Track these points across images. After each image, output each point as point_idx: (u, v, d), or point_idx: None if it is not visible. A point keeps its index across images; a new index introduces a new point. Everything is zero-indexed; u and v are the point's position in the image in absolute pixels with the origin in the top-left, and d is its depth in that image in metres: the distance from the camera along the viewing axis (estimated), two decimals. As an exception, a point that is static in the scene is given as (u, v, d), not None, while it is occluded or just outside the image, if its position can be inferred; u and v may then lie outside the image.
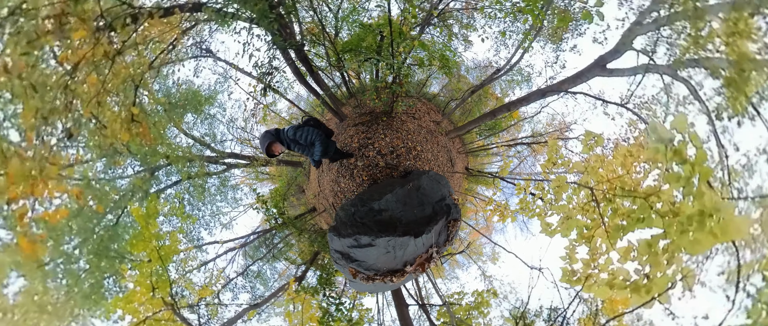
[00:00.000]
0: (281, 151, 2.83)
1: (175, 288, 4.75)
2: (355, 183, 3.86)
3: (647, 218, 1.87)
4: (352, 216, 2.79)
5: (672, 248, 1.66)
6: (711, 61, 2.73)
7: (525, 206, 3.25)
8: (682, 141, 1.49)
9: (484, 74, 5.65)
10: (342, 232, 2.69)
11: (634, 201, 2.04)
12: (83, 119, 2.51)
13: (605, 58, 3.50)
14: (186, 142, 5.73)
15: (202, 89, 5.95)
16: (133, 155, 4.68)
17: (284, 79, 5.35)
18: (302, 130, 2.79)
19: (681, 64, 2.90)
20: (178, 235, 4.72)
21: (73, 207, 3.95)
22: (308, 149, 2.85)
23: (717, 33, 2.71)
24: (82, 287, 3.95)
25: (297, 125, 2.92)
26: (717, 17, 2.67)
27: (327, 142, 2.96)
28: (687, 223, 1.56)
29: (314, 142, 2.76)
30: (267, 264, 6.17)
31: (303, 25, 4.07)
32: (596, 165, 2.63)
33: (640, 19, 3.28)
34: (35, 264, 3.58)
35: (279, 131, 2.85)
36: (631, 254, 2.13)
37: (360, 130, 4.19)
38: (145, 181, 5.34)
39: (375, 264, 2.65)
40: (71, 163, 3.31)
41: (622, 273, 2.14)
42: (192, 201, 6.00)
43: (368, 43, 4.33)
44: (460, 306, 4.77)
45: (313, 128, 2.84)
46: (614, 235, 2.18)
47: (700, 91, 3.14)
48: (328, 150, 3.04)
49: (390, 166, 3.71)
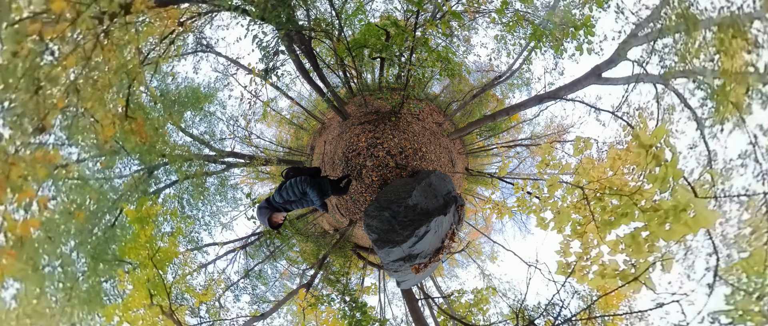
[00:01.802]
0: (283, 217, 2.65)
1: (174, 291, 4.79)
2: (363, 184, 4.00)
3: (631, 213, 2.14)
4: (395, 219, 2.92)
5: (652, 238, 1.94)
6: (697, 72, 3.03)
7: (522, 203, 3.53)
8: (660, 147, 1.76)
9: (485, 76, 5.93)
10: (397, 239, 2.82)
11: (620, 199, 2.31)
12: (75, 112, 2.37)
13: (601, 67, 3.79)
14: (185, 141, 5.74)
15: (201, 87, 6.00)
16: (129, 154, 4.53)
17: (287, 73, 5.49)
18: (286, 189, 2.61)
19: (671, 75, 3.20)
20: (177, 237, 4.78)
21: (70, 209, 4.00)
22: (305, 200, 2.67)
23: (704, 48, 3.02)
24: (80, 291, 3.84)
25: (279, 186, 2.72)
26: (709, 30, 2.97)
27: (317, 183, 2.74)
28: (665, 216, 1.83)
29: (305, 191, 2.60)
30: (268, 263, 6.28)
31: (310, 17, 4.05)
32: (588, 166, 2.91)
33: (635, 32, 3.57)
34: (30, 268, 3.61)
35: (269, 201, 2.66)
36: (619, 247, 2.42)
37: (367, 129, 4.36)
38: (143, 181, 5.34)
39: (429, 249, 3.01)
40: (65, 163, 3.33)
41: (612, 264, 2.42)
42: (191, 201, 6.03)
43: (372, 42, 4.54)
44: (460, 304, 5.02)
45: (296, 179, 2.65)
46: (604, 230, 2.45)
47: (690, 99, 3.46)
48: (323, 190, 2.83)
49: (400, 166, 3.90)
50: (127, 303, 3.79)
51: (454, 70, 4.83)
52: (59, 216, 3.99)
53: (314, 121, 6.56)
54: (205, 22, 5.09)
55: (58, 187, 4.03)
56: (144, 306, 3.80)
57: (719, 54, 2.63)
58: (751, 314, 2.38)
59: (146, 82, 4.52)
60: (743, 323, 2.44)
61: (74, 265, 4.26)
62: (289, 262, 6.28)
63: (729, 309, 2.54)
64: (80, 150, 3.72)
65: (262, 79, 3.45)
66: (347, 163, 4.22)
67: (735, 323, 2.54)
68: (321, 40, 4.32)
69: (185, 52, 5.40)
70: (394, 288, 6.88)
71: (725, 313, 2.61)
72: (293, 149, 7.04)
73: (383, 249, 2.91)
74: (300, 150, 6.87)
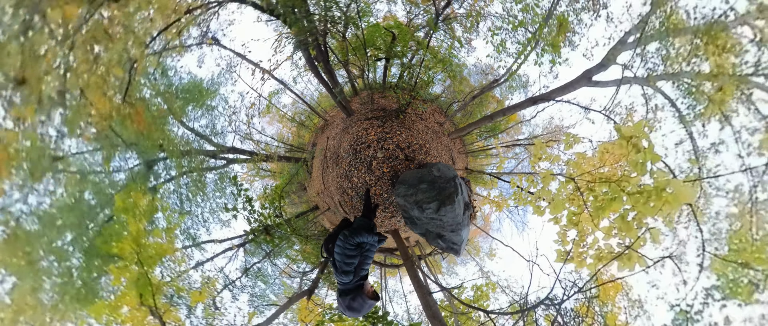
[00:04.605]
0: (371, 285, 2.33)
1: (168, 291, 4.78)
2: (373, 176, 4.27)
3: (619, 198, 2.48)
4: (434, 185, 3.50)
5: (639, 217, 2.27)
6: (678, 75, 3.46)
7: (518, 196, 3.87)
8: (638, 138, 2.12)
9: (485, 78, 6.34)
10: (450, 190, 3.43)
11: (609, 186, 2.65)
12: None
13: (591, 71, 4.20)
14: (185, 135, 5.82)
15: (204, 81, 6.14)
16: (127, 146, 4.42)
17: (296, 65, 5.68)
18: (342, 262, 2.27)
19: (654, 78, 3.63)
20: (173, 232, 4.81)
21: (69, 202, 4.05)
22: (365, 249, 2.42)
23: (684, 53, 3.47)
24: (73, 287, 3.84)
25: (335, 268, 2.35)
26: (689, 37, 3.42)
27: (357, 226, 2.52)
28: (648, 197, 2.17)
29: (357, 243, 2.34)
30: (268, 261, 6.35)
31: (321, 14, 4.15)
32: (579, 160, 3.27)
33: (624, 39, 4.01)
34: (23, 261, 3.62)
35: (342, 290, 2.30)
36: (612, 232, 2.76)
37: (375, 124, 4.69)
38: (142, 176, 5.39)
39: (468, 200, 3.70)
40: (62, 156, 3.40)
41: (607, 247, 2.76)
42: (190, 197, 6.09)
43: (378, 43, 4.87)
44: (461, 301, 5.28)
45: (340, 244, 2.35)
46: (596, 215, 2.79)
47: (678, 99, 3.90)
48: (366, 226, 2.59)
49: (409, 159, 4.29)
50: (116, 302, 3.73)
51: (455, 71, 5.21)
52: (57, 211, 4.07)
53: (316, 119, 6.80)
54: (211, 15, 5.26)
55: (57, 181, 4.12)
56: (135, 306, 3.72)
57: (697, 58, 3.06)
58: (740, 286, 2.75)
59: (147, 71, 4.61)
60: (735, 295, 2.82)
61: (69, 260, 4.27)
62: (290, 260, 6.37)
63: (720, 284, 2.92)
64: (78, 141, 3.81)
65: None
66: (356, 154, 4.48)
67: (727, 296, 2.91)
68: (332, 36, 4.58)
69: (190, 44, 5.52)
70: (394, 287, 7.09)
71: (717, 288, 2.99)
72: (294, 146, 7.25)
73: (446, 206, 3.37)
74: (301, 147, 7.08)
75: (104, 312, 3.60)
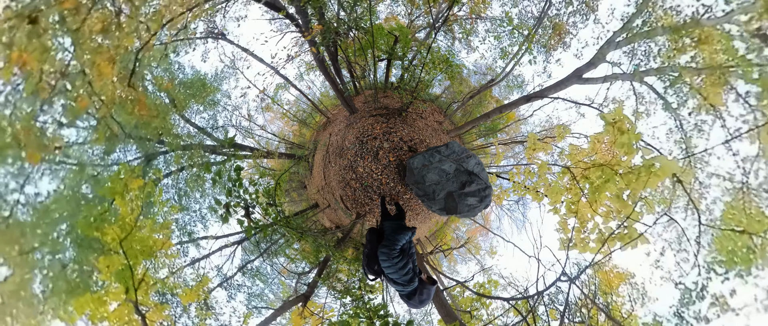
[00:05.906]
0: (434, 283, 2.46)
1: (159, 289, 4.72)
2: (380, 165, 4.57)
3: (612, 179, 2.70)
4: (448, 157, 3.68)
5: (633, 193, 2.49)
6: (661, 70, 3.79)
7: (517, 187, 4.08)
8: (621, 121, 2.37)
9: (484, 78, 6.66)
10: (468, 154, 3.67)
11: (602, 170, 2.87)
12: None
13: (582, 69, 4.51)
14: (187, 130, 5.89)
15: (208, 76, 6.25)
16: (127, 135, 4.32)
17: (303, 62, 5.84)
18: (395, 274, 2.33)
19: (639, 75, 3.95)
20: (170, 226, 4.77)
21: (65, 193, 4.04)
22: (407, 252, 2.49)
23: (670, 50, 3.82)
24: (64, 279, 3.72)
25: (391, 280, 2.40)
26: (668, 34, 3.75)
27: (392, 230, 2.57)
28: (638, 173, 2.39)
29: (400, 248, 2.40)
30: (266, 261, 6.36)
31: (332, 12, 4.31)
32: (573, 151, 3.51)
33: (612, 39, 4.34)
34: (14, 251, 3.58)
35: (407, 295, 2.41)
36: (610, 215, 2.96)
37: (379, 120, 5.01)
38: (140, 168, 5.40)
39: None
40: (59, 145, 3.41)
41: (608, 230, 2.95)
42: (188, 192, 6.11)
43: (380, 44, 5.13)
44: (463, 298, 5.39)
45: (382, 257, 2.39)
46: (593, 198, 2.99)
47: (667, 93, 4.21)
48: (398, 228, 2.65)
49: (412, 150, 4.69)
50: (101, 295, 3.59)
51: (454, 72, 5.49)
52: (54, 204, 4.05)
53: (318, 117, 6.98)
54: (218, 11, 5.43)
55: (55, 173, 4.14)
56: (122, 300, 3.57)
57: (674, 53, 3.39)
58: (738, 255, 2.96)
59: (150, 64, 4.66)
60: (734, 264, 3.02)
61: (64, 252, 4.21)
62: (288, 259, 6.37)
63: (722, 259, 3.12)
64: (77, 131, 3.82)
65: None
66: (362, 145, 4.76)
67: (727, 269, 3.12)
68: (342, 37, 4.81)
69: (195, 37, 5.63)
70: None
71: (719, 263, 3.20)
72: (296, 144, 7.39)
73: (467, 161, 3.55)
74: (302, 145, 7.22)
75: (88, 306, 3.47)
